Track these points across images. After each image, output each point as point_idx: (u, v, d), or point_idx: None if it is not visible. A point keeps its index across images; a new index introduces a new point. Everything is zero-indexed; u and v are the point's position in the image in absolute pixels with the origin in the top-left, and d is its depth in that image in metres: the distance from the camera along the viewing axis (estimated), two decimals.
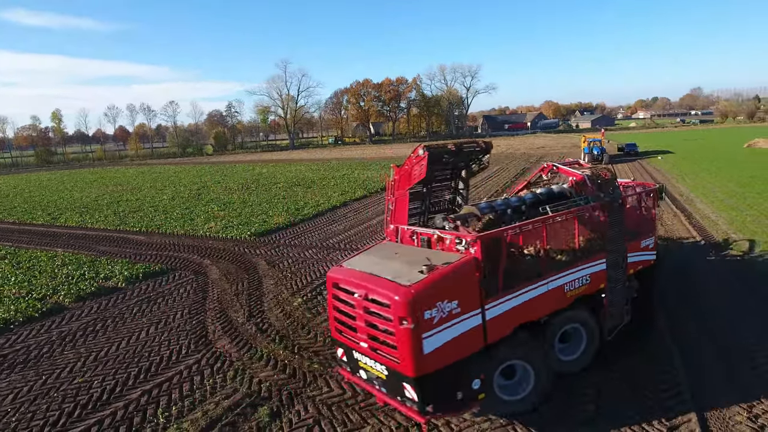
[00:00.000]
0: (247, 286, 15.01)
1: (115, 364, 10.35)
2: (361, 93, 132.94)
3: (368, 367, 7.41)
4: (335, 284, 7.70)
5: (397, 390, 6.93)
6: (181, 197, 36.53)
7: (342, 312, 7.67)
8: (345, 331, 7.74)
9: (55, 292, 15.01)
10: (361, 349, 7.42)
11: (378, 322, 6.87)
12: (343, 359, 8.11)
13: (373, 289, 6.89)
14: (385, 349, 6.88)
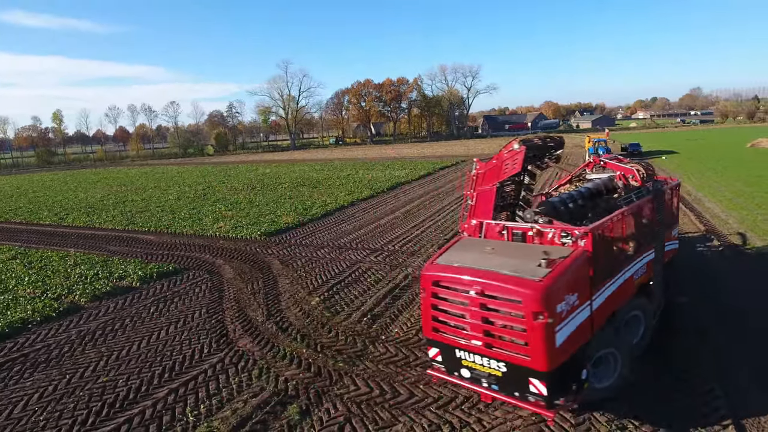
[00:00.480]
0: (263, 286, 14.99)
1: (138, 362, 10.34)
2: (362, 93, 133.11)
3: (476, 365, 7.27)
4: (436, 282, 7.48)
5: (517, 386, 6.88)
6: (186, 197, 36.51)
7: (444, 310, 7.47)
8: (447, 329, 7.51)
9: (70, 292, 14.99)
10: (470, 347, 7.22)
11: (498, 318, 6.80)
12: (437, 359, 7.86)
13: (493, 285, 6.77)
14: (506, 345, 6.80)
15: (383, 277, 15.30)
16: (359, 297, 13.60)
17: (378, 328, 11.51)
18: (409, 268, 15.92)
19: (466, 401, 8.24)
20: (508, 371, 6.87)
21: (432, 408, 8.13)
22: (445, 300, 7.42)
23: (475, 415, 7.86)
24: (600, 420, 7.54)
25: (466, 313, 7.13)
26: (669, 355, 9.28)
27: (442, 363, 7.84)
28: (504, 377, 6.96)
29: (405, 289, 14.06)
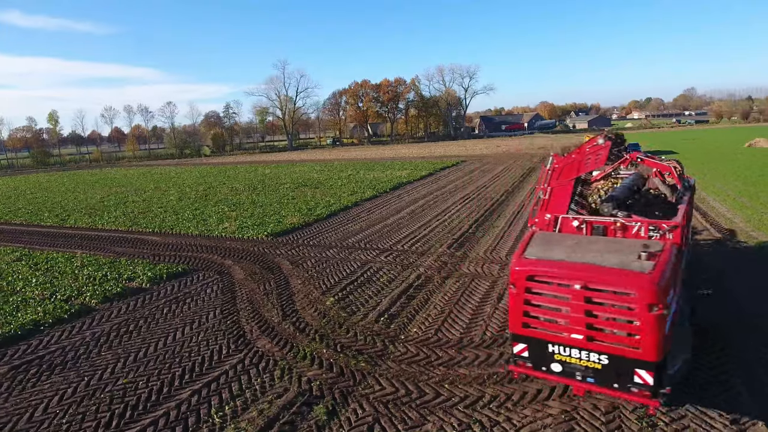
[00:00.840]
0: (275, 286, 14.91)
1: (157, 364, 10.24)
2: (360, 94, 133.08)
3: (571, 359, 7.28)
4: (530, 277, 7.41)
5: (618, 378, 6.94)
6: (188, 198, 36.32)
7: (537, 305, 7.43)
8: (539, 324, 7.48)
9: (80, 294, 14.86)
10: (567, 341, 7.22)
11: (604, 311, 6.82)
12: (523, 354, 7.79)
13: (601, 278, 6.80)
14: (610, 337, 6.86)
15: (395, 276, 15.26)
16: (374, 297, 13.55)
17: (396, 327, 11.47)
18: (421, 268, 15.89)
19: (493, 400, 8.22)
20: (609, 363, 6.93)
21: (460, 407, 8.10)
22: (539, 294, 7.38)
23: (504, 413, 7.84)
24: (630, 417, 7.53)
25: (567, 307, 7.11)
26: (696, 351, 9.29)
27: (528, 359, 7.76)
28: (604, 369, 7.01)
29: (419, 288, 14.02)
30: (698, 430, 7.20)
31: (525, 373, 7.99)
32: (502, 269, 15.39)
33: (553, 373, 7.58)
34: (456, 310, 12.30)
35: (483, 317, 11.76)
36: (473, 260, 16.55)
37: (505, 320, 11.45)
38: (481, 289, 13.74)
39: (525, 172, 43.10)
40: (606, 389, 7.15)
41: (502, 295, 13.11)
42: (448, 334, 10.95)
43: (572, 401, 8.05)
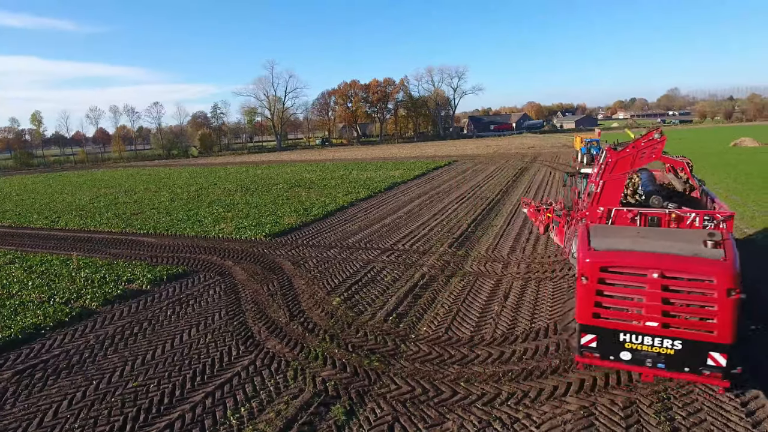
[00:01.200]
0: (279, 287, 14.81)
1: (166, 366, 10.10)
2: (349, 94, 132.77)
3: (642, 347, 7.51)
4: (604, 268, 7.52)
5: (690, 362, 7.25)
6: (180, 199, 35.91)
7: (609, 295, 7.55)
8: (610, 314, 7.60)
9: (79, 296, 14.60)
10: (640, 329, 7.42)
11: (681, 298, 7.08)
12: (591, 345, 7.92)
13: (678, 266, 7.06)
14: (686, 323, 7.14)
15: (399, 276, 15.25)
16: (380, 296, 13.52)
17: (405, 327, 11.46)
18: (425, 267, 15.91)
19: (511, 397, 8.26)
20: (683, 348, 7.23)
21: (478, 405, 8.12)
22: (612, 285, 7.51)
23: (522, 410, 7.88)
24: (647, 411, 7.62)
25: (642, 295, 7.29)
26: None
27: (596, 349, 7.91)
28: (676, 354, 7.32)
29: (425, 288, 14.04)
30: (714, 423, 7.30)
31: (591, 363, 8.16)
32: (505, 268, 15.47)
33: (621, 361, 7.77)
34: (464, 308, 12.34)
35: (492, 315, 11.80)
36: (475, 259, 16.61)
37: (514, 319, 11.52)
38: (486, 287, 13.80)
39: (517, 171, 43.38)
40: (676, 373, 7.46)
41: (508, 293, 13.19)
42: (458, 333, 10.97)
43: (589, 397, 8.12)
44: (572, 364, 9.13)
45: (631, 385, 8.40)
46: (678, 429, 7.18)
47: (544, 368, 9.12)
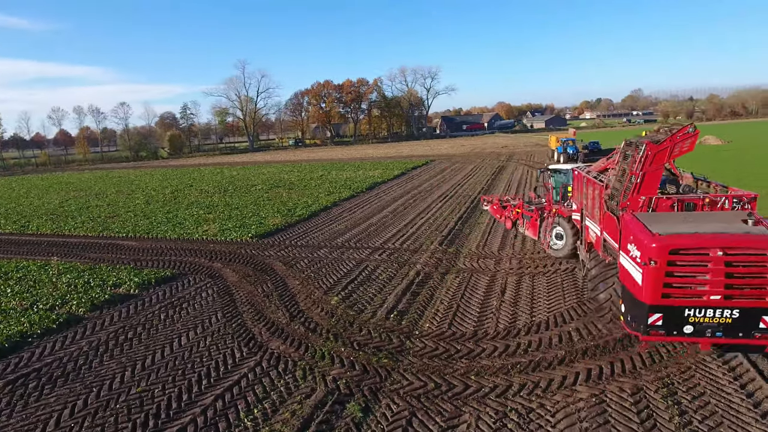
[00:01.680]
0: (274, 288, 14.65)
1: (168, 370, 9.86)
2: (322, 94, 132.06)
3: (704, 319, 8.22)
4: (674, 251, 8.10)
5: (744, 328, 8.12)
6: (156, 202, 35.01)
7: (679, 275, 8.15)
8: (677, 292, 8.20)
9: (64, 302, 14.08)
10: (705, 303, 8.14)
11: (740, 271, 7.89)
12: (657, 323, 8.44)
13: (737, 244, 7.89)
14: (744, 293, 7.96)
15: (394, 274, 15.32)
16: (378, 295, 13.55)
17: (408, 323, 11.52)
18: (418, 265, 16.02)
19: (522, 388, 8.43)
20: (740, 316, 8.06)
21: (491, 397, 8.25)
22: (680, 266, 8.13)
23: (536, 401, 8.05)
24: (654, 396, 7.91)
25: (707, 273, 8.01)
26: None
27: (661, 326, 8.46)
28: (734, 322, 8.12)
29: (421, 285, 14.14)
30: (718, 404, 7.64)
31: (656, 340, 8.85)
32: (497, 264, 15.73)
33: (684, 335, 8.44)
34: (463, 304, 12.49)
35: (491, 310, 11.99)
36: (467, 256, 16.82)
37: (514, 313, 11.74)
38: (481, 283, 14.00)
39: (495, 170, 44.09)
40: (731, 339, 8.26)
41: (504, 288, 13.42)
42: (461, 328, 11.11)
43: (598, 385, 8.37)
44: (577, 355, 9.39)
45: (635, 371, 8.71)
46: (686, 411, 7.49)
47: (550, 359, 9.34)
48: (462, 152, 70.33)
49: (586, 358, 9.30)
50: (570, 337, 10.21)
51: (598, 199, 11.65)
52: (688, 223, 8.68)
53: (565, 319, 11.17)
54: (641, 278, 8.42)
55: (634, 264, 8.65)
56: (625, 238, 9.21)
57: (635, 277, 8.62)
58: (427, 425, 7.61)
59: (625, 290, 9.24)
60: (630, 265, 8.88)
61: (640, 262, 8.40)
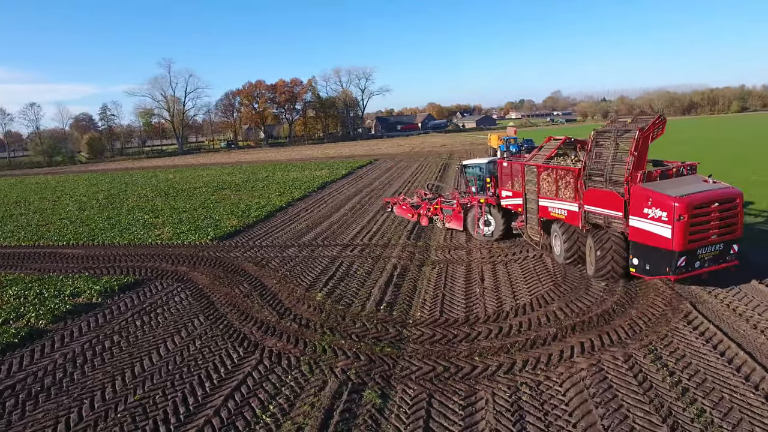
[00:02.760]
0: (252, 288, 14.32)
1: (164, 376, 9.42)
2: (255, 94, 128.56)
3: (705, 254, 11.17)
4: (697, 206, 10.75)
5: (724, 254, 11.40)
6: (92, 208, 32.62)
7: (698, 224, 10.83)
8: (695, 237, 10.88)
9: (19, 316, 12.92)
10: (708, 242, 11.06)
11: (727, 215, 11.09)
12: (682, 264, 11.02)
13: (724, 197, 11.07)
14: (726, 230, 11.15)
15: (371, 269, 15.50)
16: (361, 289, 13.68)
17: (399, 314, 11.78)
18: (393, 259, 16.31)
19: (526, 364, 8.97)
20: (723, 247, 11.31)
21: (500, 374, 8.72)
22: (698, 217, 10.80)
23: (541, 374, 8.62)
24: (644, 361, 8.75)
25: (710, 220, 10.94)
26: None
27: (684, 267, 11.07)
28: (719, 253, 11.33)
29: (401, 277, 14.44)
30: (699, 364, 8.60)
31: (682, 277, 11.25)
32: (469, 254, 16.39)
33: (695, 269, 11.21)
34: (448, 293, 12.94)
35: (475, 297, 12.54)
36: (438, 248, 17.36)
37: (498, 298, 12.37)
38: (459, 272, 14.56)
39: (440, 167, 45.44)
40: (717, 265, 11.37)
41: (482, 276, 14.05)
42: (452, 314, 11.54)
43: (593, 356, 9.10)
44: (568, 331, 10.13)
45: (622, 342, 9.56)
46: (674, 372, 8.37)
47: (544, 336, 9.99)
48: (402, 152, 71.54)
49: (577, 333, 10.05)
50: (556, 316, 10.95)
51: (572, 180, 13.50)
52: (681, 187, 11.35)
53: (547, 300, 11.95)
54: (671, 232, 10.86)
55: (659, 222, 11.08)
56: (639, 205, 11.49)
57: (659, 232, 11.11)
58: (447, 405, 7.91)
59: (638, 246, 11.80)
60: (650, 225, 11.32)
61: (668, 220, 10.85)
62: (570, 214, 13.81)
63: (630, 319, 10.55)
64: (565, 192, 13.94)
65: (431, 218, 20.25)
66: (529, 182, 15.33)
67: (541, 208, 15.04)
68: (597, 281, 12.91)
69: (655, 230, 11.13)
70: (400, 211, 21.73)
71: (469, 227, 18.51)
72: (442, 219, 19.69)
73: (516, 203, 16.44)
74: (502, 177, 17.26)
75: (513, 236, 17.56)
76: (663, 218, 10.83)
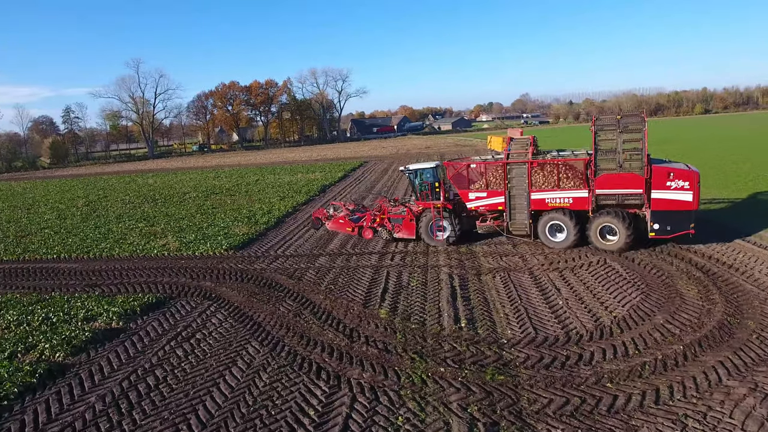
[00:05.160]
0: (298, 306, 12.66)
1: (241, 422, 7.72)
2: (228, 96, 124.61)
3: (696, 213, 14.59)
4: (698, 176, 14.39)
5: None
6: (73, 216, 29.86)
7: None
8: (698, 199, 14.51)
9: (29, 347, 10.88)
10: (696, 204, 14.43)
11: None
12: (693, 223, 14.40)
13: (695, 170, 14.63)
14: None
15: (425, 279, 14.14)
16: (426, 303, 12.26)
17: (485, 332, 10.42)
18: (444, 269, 14.92)
19: (673, 392, 7.74)
20: None
21: (650, 405, 7.45)
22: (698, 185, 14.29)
23: (699, 402, 7.40)
24: None
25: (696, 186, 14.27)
26: None
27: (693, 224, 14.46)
28: None
29: (464, 288, 13.11)
30: None
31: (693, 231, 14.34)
32: (524, 260, 15.15)
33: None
34: (528, 306, 11.65)
35: (561, 310, 11.28)
36: (485, 255, 16.11)
37: (589, 310, 11.17)
38: (525, 282, 13.31)
39: None
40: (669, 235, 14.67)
41: (556, 286, 12.84)
42: (548, 332, 10.24)
43: (745, 378, 7.95)
44: (695, 349, 8.98)
45: (763, 358, 8.46)
46: None
47: (673, 356, 8.81)
48: (388, 154, 70.03)
49: (707, 351, 8.91)
50: (669, 331, 9.82)
51: (581, 170, 15.65)
52: (678, 165, 14.91)
53: (646, 312, 10.81)
54: (691, 197, 14.10)
55: (681, 191, 14.13)
56: (662, 180, 14.26)
57: (683, 198, 14.13)
58: None
59: (660, 213, 14.38)
60: (674, 195, 14.21)
61: (689, 187, 14.06)
62: (576, 200, 15.50)
63: (753, 332, 9.50)
64: (569, 182, 15.71)
65: (376, 230, 18.54)
66: (515, 179, 16.24)
67: (534, 201, 16.01)
68: (687, 287, 11.90)
69: (677, 197, 14.17)
70: (336, 226, 19.20)
71: (423, 235, 17.66)
72: (390, 229, 18.22)
73: (492, 203, 16.83)
74: (470, 179, 17.43)
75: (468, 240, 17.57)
76: (686, 187, 14.08)
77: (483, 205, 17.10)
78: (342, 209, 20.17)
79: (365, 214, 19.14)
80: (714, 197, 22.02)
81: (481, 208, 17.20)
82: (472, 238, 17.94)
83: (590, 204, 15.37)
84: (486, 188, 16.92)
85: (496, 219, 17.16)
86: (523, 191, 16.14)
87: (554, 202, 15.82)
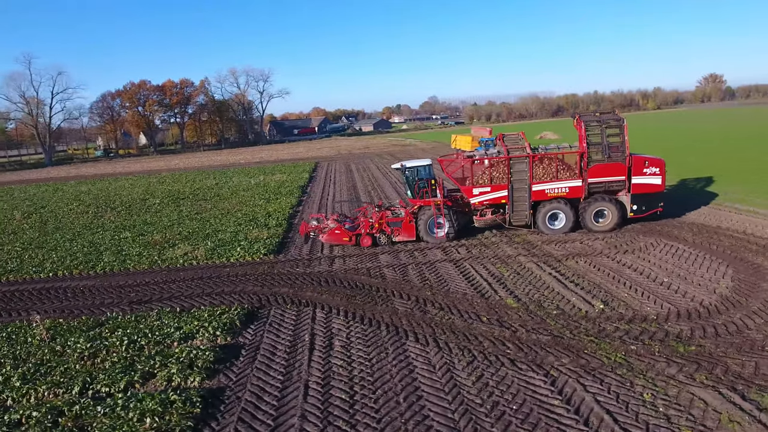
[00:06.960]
0: (412, 303, 12.24)
1: (505, 415, 7.39)
2: (139, 96, 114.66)
3: None
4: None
5: None
6: (26, 231, 25.82)
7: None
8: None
9: (146, 376, 9.40)
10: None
11: None
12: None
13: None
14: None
15: (517, 269, 14.34)
16: (541, 290, 12.51)
17: (626, 312, 10.88)
18: (521, 257, 15.27)
19: None
20: None
21: None
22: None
23: None
24: None
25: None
26: None
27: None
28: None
29: (562, 274, 13.50)
30: None
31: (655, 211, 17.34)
32: (592, 247, 15.97)
33: None
34: (635, 284, 12.34)
35: (672, 286, 12.11)
36: (545, 242, 16.72)
37: (685, 291, 12.09)
38: (611, 264, 14.05)
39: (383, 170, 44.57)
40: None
41: (642, 268, 13.68)
42: (678, 306, 10.96)
43: None
44: None
45: None
46: None
47: None
48: (334, 155, 68.59)
49: None
50: None
51: (577, 161, 17.41)
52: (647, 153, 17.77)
53: (749, 283, 11.97)
54: (660, 180, 16.97)
55: (653, 176, 16.88)
56: (640, 167, 16.86)
57: (654, 182, 16.92)
58: None
59: (638, 196, 17.03)
60: (648, 179, 16.90)
61: (659, 172, 16.86)
62: (572, 189, 17.34)
63: None
64: (566, 173, 17.48)
65: (374, 236, 17.87)
66: (518, 173, 17.34)
67: (534, 193, 17.39)
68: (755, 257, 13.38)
69: (651, 181, 16.94)
70: (332, 238, 17.81)
71: (422, 233, 17.67)
72: (390, 233, 17.88)
73: (496, 197, 17.62)
74: (472, 175, 17.94)
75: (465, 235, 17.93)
76: (657, 172, 16.89)
77: (487, 200, 17.67)
78: (324, 220, 19.12)
79: (360, 222, 18.17)
80: None
81: (485, 203, 17.71)
82: (470, 233, 18.42)
83: (584, 192, 17.28)
84: (489, 183, 17.61)
85: (495, 212, 17.85)
86: (525, 184, 17.28)
87: (553, 192, 17.32)
